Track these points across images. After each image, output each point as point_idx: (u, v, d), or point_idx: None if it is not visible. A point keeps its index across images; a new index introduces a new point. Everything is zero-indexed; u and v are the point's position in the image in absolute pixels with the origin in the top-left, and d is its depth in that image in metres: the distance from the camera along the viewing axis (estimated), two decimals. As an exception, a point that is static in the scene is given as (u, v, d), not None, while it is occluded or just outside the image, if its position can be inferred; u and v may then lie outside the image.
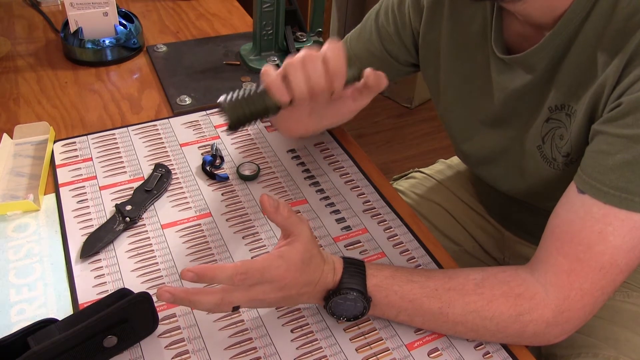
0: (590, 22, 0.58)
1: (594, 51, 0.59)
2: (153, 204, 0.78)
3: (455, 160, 1.06)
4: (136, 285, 0.67)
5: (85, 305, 0.63)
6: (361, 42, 0.84)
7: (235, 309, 0.59)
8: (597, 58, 0.59)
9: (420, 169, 1.06)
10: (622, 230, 0.55)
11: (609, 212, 0.55)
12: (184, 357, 0.60)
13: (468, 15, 0.71)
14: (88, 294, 0.66)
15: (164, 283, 0.67)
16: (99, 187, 0.80)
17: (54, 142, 0.88)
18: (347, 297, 0.60)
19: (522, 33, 0.66)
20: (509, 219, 0.90)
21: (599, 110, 0.59)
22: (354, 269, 0.61)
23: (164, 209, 0.77)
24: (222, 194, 0.80)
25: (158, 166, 0.82)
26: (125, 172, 0.83)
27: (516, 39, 0.67)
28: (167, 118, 0.94)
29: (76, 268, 0.69)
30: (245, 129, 0.61)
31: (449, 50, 0.74)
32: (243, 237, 0.74)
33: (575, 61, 0.61)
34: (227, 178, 0.83)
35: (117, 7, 1.09)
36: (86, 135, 0.90)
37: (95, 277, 0.68)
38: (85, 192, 0.79)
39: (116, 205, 0.76)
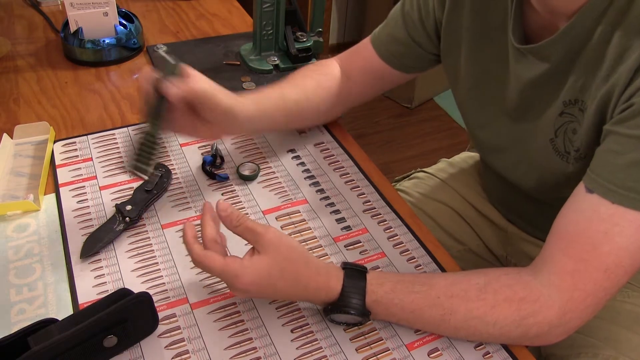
0: (607, 18, 0.58)
1: (608, 48, 0.59)
2: (153, 204, 0.78)
3: (457, 159, 1.06)
4: (136, 285, 0.67)
5: (85, 305, 0.63)
6: (387, 28, 0.85)
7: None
8: (611, 55, 0.58)
9: (423, 169, 1.06)
10: (629, 230, 0.54)
11: (616, 212, 0.55)
12: (184, 357, 0.60)
13: (489, 5, 0.71)
14: (88, 294, 0.66)
15: (163, 283, 0.67)
16: (99, 187, 0.80)
17: (54, 142, 0.88)
18: (346, 312, 0.61)
19: (541, 24, 0.66)
20: (515, 211, 0.90)
21: (610, 109, 0.59)
22: (353, 284, 0.61)
23: (164, 209, 0.77)
24: (222, 194, 0.80)
25: (158, 166, 0.82)
26: (125, 172, 0.83)
27: (535, 29, 0.67)
28: (167, 118, 0.94)
29: (76, 268, 0.69)
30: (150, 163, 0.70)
31: (470, 39, 0.75)
32: (243, 237, 0.74)
33: (591, 56, 0.61)
34: (227, 178, 0.83)
35: (117, 7, 1.09)
36: (86, 135, 0.90)
37: (95, 277, 0.68)
38: (85, 192, 0.79)
39: (116, 205, 0.75)
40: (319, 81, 0.86)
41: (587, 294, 0.57)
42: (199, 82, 0.67)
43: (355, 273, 0.62)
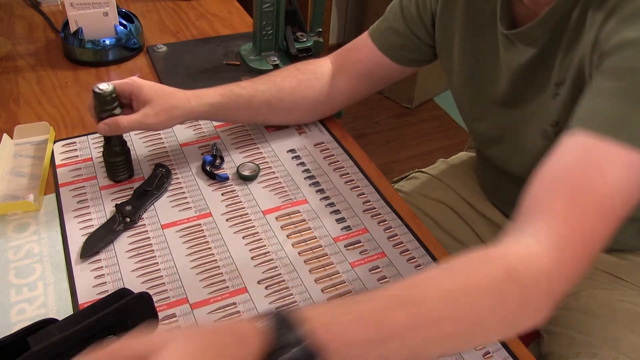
0: None
1: (584, 27, 0.60)
2: (153, 204, 0.78)
3: (455, 158, 1.06)
4: (136, 285, 0.67)
5: (85, 305, 0.63)
6: (386, 22, 0.86)
7: None
8: (585, 33, 0.59)
9: (421, 169, 1.06)
10: (621, 167, 0.50)
11: (607, 148, 0.50)
12: (184, 357, 0.60)
13: None
14: (88, 294, 0.66)
15: (163, 283, 0.67)
16: (99, 187, 0.80)
17: (54, 142, 0.88)
18: (288, 357, 0.42)
19: (527, 14, 0.67)
20: (514, 206, 0.90)
21: (586, 75, 0.58)
22: (280, 316, 0.43)
23: (164, 209, 0.77)
24: (222, 194, 0.80)
25: (158, 166, 0.82)
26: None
27: (523, 20, 0.68)
28: (167, 118, 0.94)
29: (76, 268, 0.69)
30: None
31: (462, 30, 0.76)
32: (243, 237, 0.74)
33: (572, 36, 0.62)
34: (227, 178, 0.83)
35: (117, 7, 1.10)
36: (86, 135, 0.90)
37: (95, 277, 0.68)
38: (85, 192, 0.79)
39: (116, 205, 0.76)
40: (301, 80, 0.87)
41: (583, 237, 0.50)
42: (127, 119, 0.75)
43: (274, 313, 0.44)
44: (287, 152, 0.89)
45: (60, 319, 0.58)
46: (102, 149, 0.80)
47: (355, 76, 0.88)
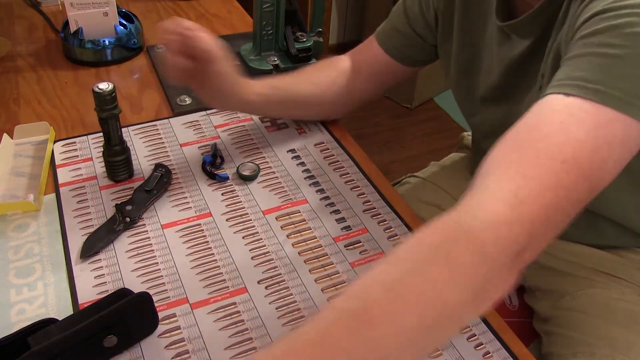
0: None
1: (566, 19, 0.60)
2: (153, 204, 0.78)
3: (447, 160, 1.06)
4: (136, 285, 0.67)
5: (85, 305, 0.63)
6: (390, 23, 0.87)
7: None
8: (567, 22, 0.59)
9: (414, 174, 1.07)
10: (588, 123, 0.47)
11: (573, 103, 0.48)
12: (184, 357, 0.60)
13: None
14: (88, 294, 0.66)
15: (163, 283, 0.67)
16: (99, 187, 0.80)
17: (54, 142, 0.88)
18: None
19: (525, 4, 0.67)
20: None
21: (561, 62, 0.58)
22: None
23: (164, 209, 0.78)
24: (222, 194, 0.80)
25: (158, 166, 0.82)
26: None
27: (521, 11, 0.68)
28: (167, 118, 0.95)
29: (76, 268, 0.69)
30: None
31: (461, 26, 0.77)
32: (243, 237, 0.74)
33: (559, 27, 0.62)
34: (227, 178, 0.83)
35: (117, 7, 1.09)
36: (86, 135, 0.90)
37: (95, 277, 0.68)
38: (85, 192, 0.79)
39: (116, 205, 0.76)
40: (334, 78, 0.89)
41: (543, 185, 0.45)
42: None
43: None
44: (287, 152, 0.89)
45: (60, 319, 0.58)
46: (102, 149, 0.80)
47: (364, 77, 0.90)
